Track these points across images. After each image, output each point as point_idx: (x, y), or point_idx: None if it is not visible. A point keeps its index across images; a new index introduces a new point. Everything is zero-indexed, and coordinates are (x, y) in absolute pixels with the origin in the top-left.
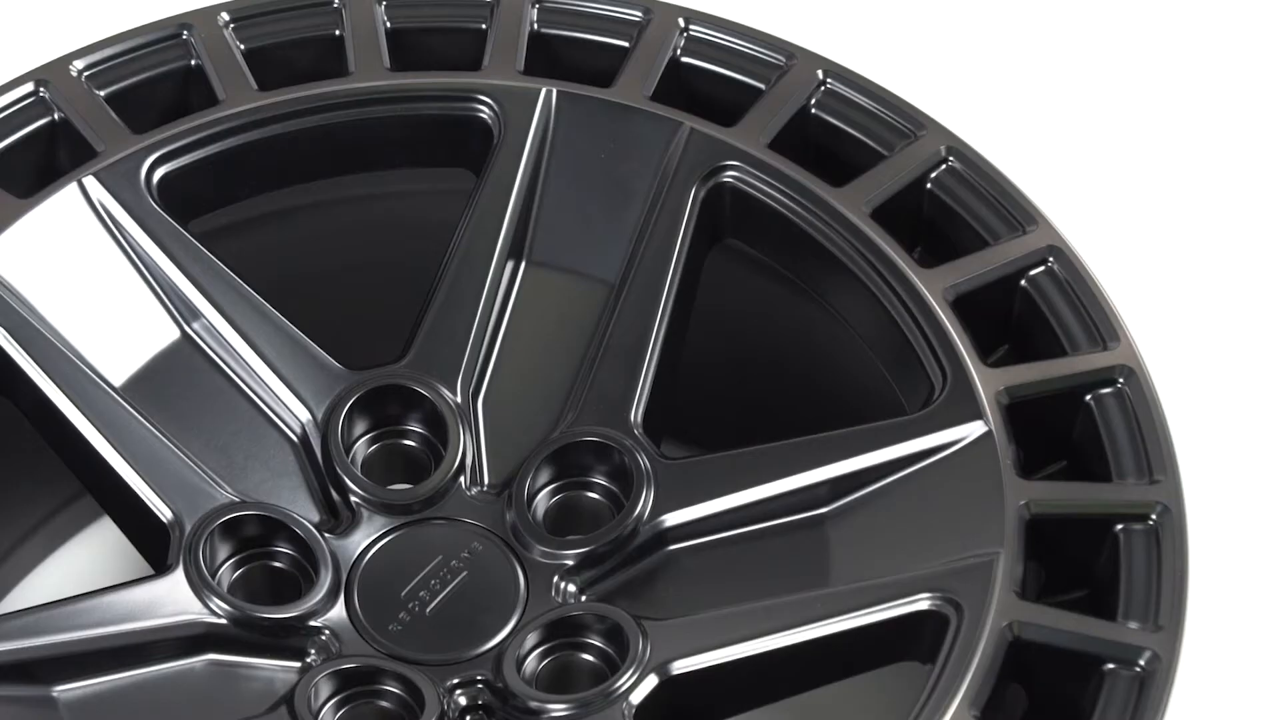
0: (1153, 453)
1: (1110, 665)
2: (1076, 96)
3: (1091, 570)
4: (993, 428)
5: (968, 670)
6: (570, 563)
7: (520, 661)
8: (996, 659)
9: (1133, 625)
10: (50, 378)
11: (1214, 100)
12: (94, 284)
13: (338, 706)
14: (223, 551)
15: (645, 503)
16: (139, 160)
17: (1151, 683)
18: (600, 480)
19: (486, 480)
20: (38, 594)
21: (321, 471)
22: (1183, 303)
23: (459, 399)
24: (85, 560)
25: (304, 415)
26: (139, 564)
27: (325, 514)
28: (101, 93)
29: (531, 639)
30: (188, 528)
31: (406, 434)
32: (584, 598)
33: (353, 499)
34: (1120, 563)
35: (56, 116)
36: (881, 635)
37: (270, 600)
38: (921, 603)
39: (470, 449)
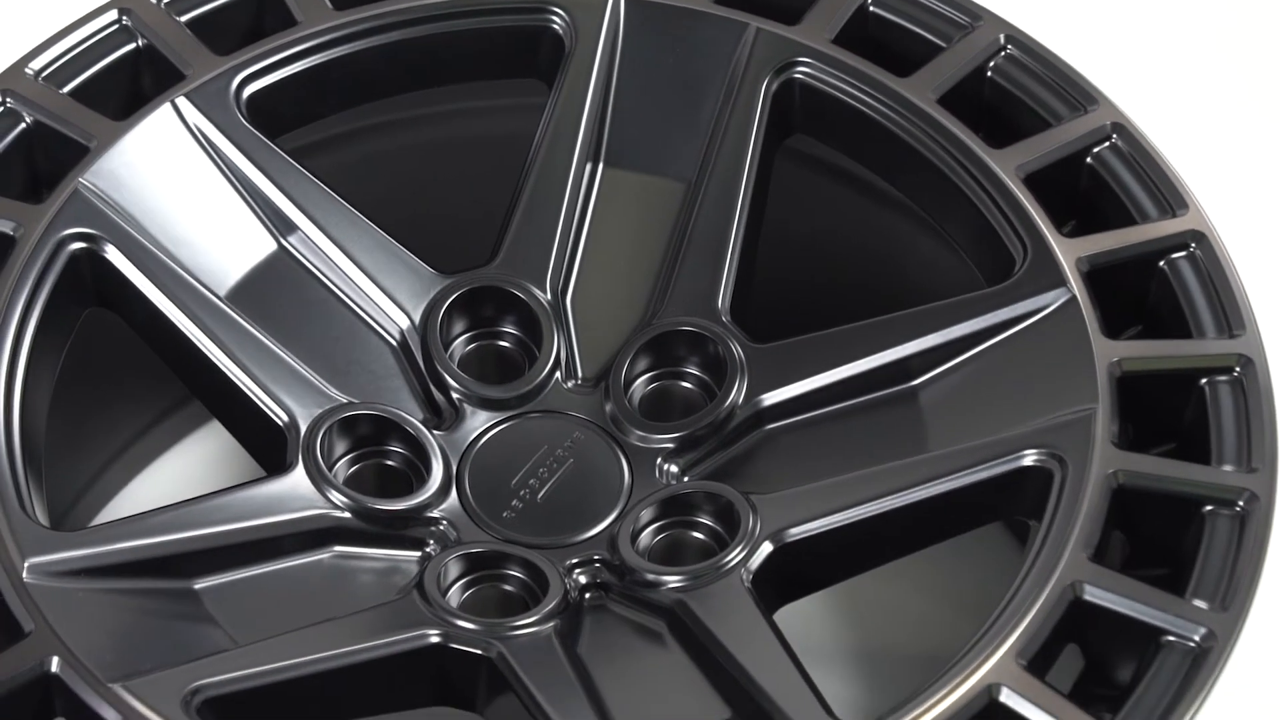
0: (1230, 310)
1: (1210, 507)
2: None
3: (1179, 424)
4: (1076, 293)
5: (1077, 517)
6: (670, 446)
7: (634, 538)
8: (1102, 506)
9: (1228, 468)
10: (162, 290)
11: None
12: (192, 201)
13: (463, 590)
14: (338, 450)
15: (739, 388)
16: (227, 80)
17: (1251, 520)
18: (693, 370)
19: (581, 374)
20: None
21: (422, 371)
22: (1239, 174)
23: (549, 297)
24: (170, 478)
25: (402, 319)
26: (227, 479)
27: (429, 413)
28: (182, 19)
29: (644, 517)
30: (303, 428)
31: (500, 334)
32: (686, 479)
33: (454, 396)
34: (1209, 413)
35: (140, 43)
36: (988, 493)
37: (383, 497)
38: (1026, 459)
39: (562, 345)
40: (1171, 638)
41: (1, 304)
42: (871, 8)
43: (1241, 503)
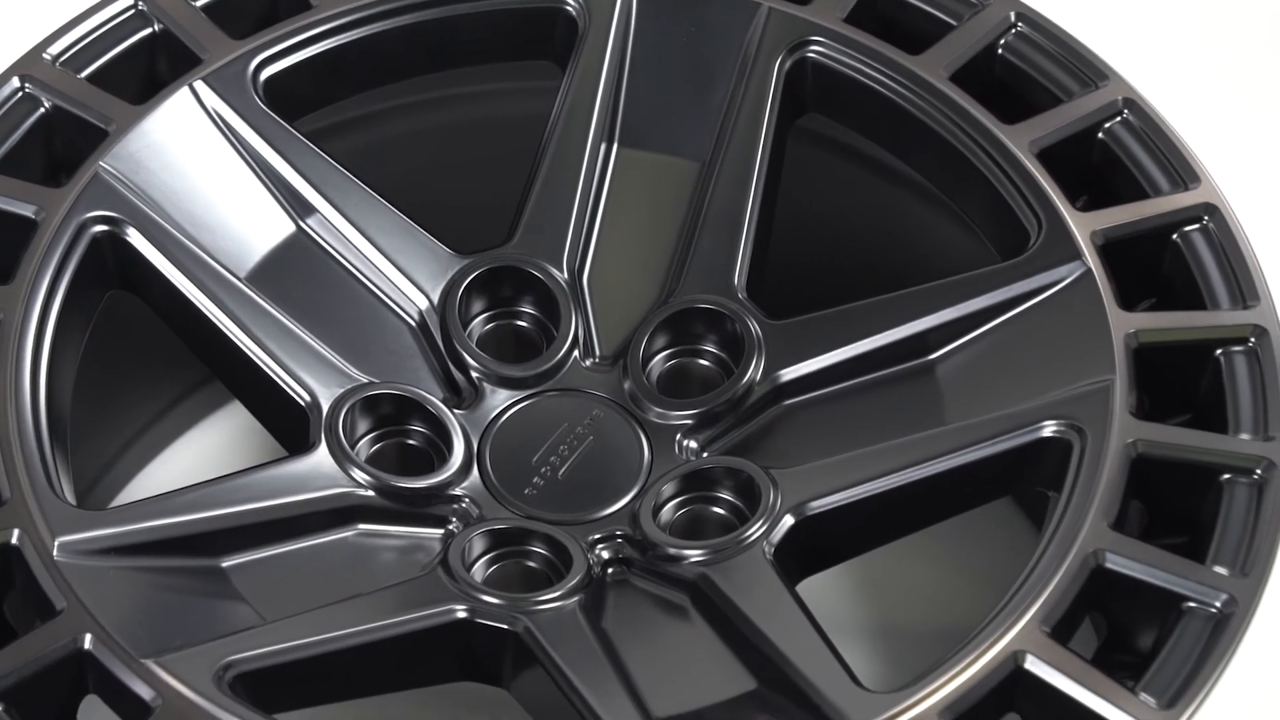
0: (1243, 281)
1: (1227, 475)
2: None
3: (1195, 394)
4: (1092, 266)
5: (1097, 487)
6: (689, 422)
7: (656, 513)
8: (1122, 475)
9: (1245, 437)
10: (183, 273)
11: None
12: (211, 183)
13: (487, 565)
14: (360, 429)
15: (757, 364)
16: (244, 63)
17: (1269, 487)
18: (711, 347)
19: (599, 352)
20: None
21: (441, 351)
22: (1250, 146)
23: (566, 276)
24: (188, 460)
25: (420, 300)
26: (245, 460)
27: (448, 392)
28: (197, 3)
29: (665, 492)
30: (325, 408)
31: (518, 314)
32: (705, 455)
33: (474, 375)
34: (1225, 383)
35: (156, 27)
36: (1008, 464)
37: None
38: (1045, 430)
39: (580, 323)
40: (1193, 604)
41: (25, 287)
42: None
43: (1259, 470)
